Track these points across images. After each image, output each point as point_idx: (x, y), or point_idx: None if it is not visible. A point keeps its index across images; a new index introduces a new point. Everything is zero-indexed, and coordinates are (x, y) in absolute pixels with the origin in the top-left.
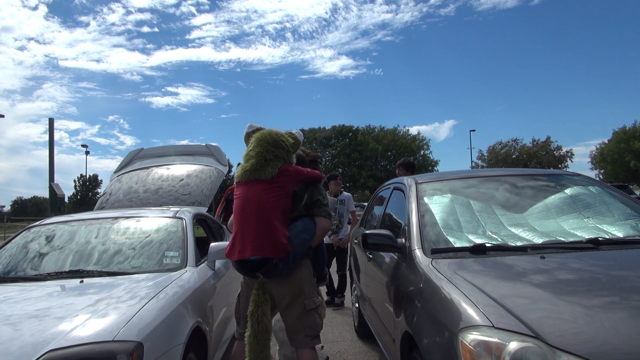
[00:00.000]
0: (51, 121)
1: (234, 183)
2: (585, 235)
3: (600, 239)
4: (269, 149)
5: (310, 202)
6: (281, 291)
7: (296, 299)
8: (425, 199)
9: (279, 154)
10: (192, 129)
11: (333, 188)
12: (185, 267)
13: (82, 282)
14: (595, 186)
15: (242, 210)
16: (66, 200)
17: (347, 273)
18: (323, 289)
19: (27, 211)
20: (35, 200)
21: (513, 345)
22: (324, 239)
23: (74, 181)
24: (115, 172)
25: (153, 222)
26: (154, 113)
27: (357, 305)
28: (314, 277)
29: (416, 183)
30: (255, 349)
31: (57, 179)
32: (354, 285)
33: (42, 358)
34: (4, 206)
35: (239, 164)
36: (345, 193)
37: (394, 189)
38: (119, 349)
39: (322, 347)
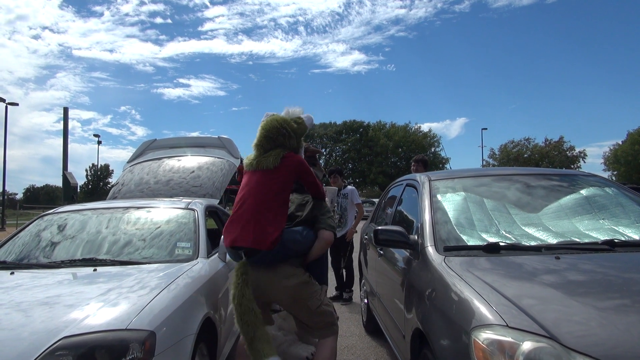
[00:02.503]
0: (66, 110)
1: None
2: (601, 236)
3: (616, 240)
4: (267, 136)
5: (311, 218)
6: (281, 301)
7: (298, 304)
8: (439, 196)
9: (279, 140)
10: (203, 121)
11: (333, 183)
12: (197, 258)
13: (95, 270)
14: (612, 187)
15: (240, 199)
16: (78, 189)
17: (354, 267)
18: (331, 284)
19: (39, 199)
20: (47, 189)
21: (527, 345)
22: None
23: (86, 170)
24: (128, 162)
25: (166, 212)
26: (165, 104)
27: (366, 300)
28: (310, 276)
29: (429, 180)
30: (247, 331)
31: (69, 168)
32: (363, 281)
33: (56, 345)
34: (16, 194)
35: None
36: (349, 187)
37: (407, 185)
38: (131, 338)
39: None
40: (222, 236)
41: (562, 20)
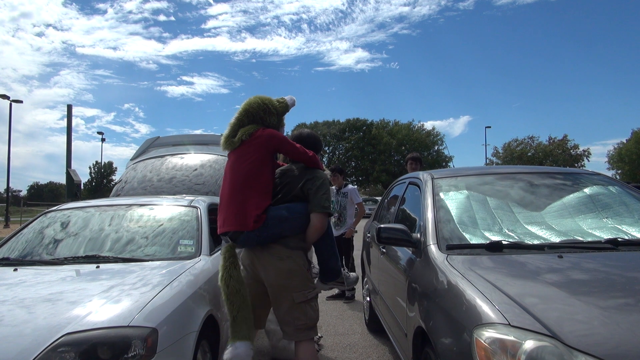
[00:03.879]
0: (69, 108)
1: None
2: (604, 235)
3: (619, 239)
4: (248, 110)
5: (301, 194)
6: (270, 281)
7: (284, 291)
8: (441, 195)
9: (259, 115)
10: (206, 119)
11: (334, 182)
12: (199, 255)
13: (98, 267)
14: (615, 186)
15: (222, 185)
16: (82, 186)
17: (355, 265)
18: None
19: (43, 196)
20: (51, 186)
21: (529, 344)
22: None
23: (90, 168)
24: (131, 159)
25: (168, 210)
26: (168, 102)
27: (368, 299)
28: (308, 270)
29: (432, 178)
30: (231, 310)
31: (73, 165)
32: (365, 279)
33: (58, 341)
34: (20, 191)
35: None
36: (349, 186)
37: (409, 183)
38: (133, 335)
39: (321, 336)
40: None
41: (566, 18)
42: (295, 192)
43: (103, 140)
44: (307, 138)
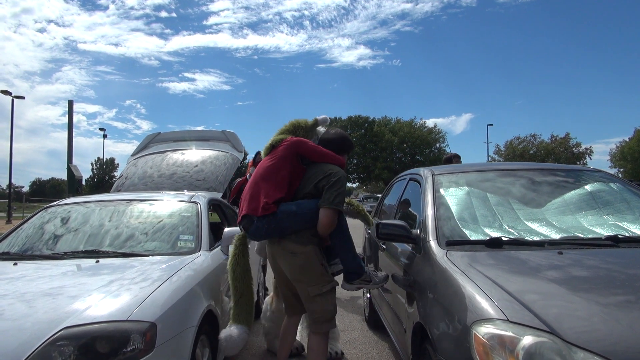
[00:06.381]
0: (70, 103)
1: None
2: (605, 232)
3: (620, 236)
4: (284, 130)
5: (315, 192)
6: (289, 274)
7: (299, 284)
8: (442, 191)
9: (289, 131)
10: (208, 116)
11: None
12: (199, 251)
13: (98, 262)
14: (617, 183)
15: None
16: (83, 182)
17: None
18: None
19: (45, 192)
20: (53, 182)
21: (527, 340)
22: None
23: (91, 164)
24: (132, 155)
25: (169, 205)
26: (170, 98)
27: (368, 295)
28: (322, 265)
29: (432, 174)
30: (234, 295)
31: (75, 161)
32: None
33: (57, 335)
34: (22, 187)
35: (258, 152)
36: None
37: (410, 179)
38: (132, 329)
39: (343, 354)
40: (225, 229)
41: (568, 16)
42: (309, 189)
43: (105, 136)
44: (335, 139)
